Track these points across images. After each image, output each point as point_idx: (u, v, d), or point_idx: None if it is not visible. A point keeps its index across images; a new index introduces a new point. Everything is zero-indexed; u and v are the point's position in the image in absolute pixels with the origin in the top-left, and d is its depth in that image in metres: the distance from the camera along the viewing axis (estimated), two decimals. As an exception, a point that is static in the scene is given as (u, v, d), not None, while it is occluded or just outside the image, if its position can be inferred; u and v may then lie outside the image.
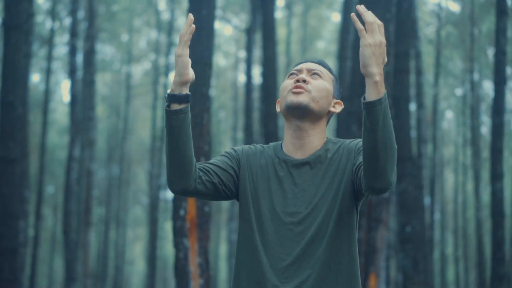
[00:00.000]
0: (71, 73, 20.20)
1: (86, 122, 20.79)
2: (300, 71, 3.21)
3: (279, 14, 30.17)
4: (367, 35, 2.72)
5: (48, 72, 24.89)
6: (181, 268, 6.55)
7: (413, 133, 19.57)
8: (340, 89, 3.33)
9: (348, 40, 15.80)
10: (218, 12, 28.79)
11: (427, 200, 24.71)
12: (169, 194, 29.13)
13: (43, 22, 28.76)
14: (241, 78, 31.75)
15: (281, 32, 30.38)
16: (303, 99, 3.08)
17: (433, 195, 22.64)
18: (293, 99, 3.09)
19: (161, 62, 29.73)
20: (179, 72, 2.95)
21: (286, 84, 3.18)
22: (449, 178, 35.91)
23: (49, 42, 25.65)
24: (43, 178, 24.62)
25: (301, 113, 3.10)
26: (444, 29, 24.13)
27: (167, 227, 35.52)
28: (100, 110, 34.55)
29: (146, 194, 35.26)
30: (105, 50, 32.30)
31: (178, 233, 6.58)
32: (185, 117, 2.95)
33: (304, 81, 3.13)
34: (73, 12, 20.99)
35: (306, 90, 3.10)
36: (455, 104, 30.51)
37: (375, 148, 2.74)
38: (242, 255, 3.11)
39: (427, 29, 25.69)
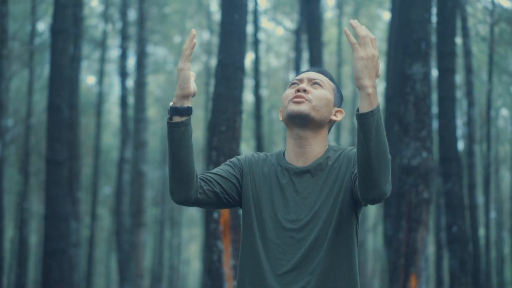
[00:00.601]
0: (122, 76, 20.46)
1: (137, 123, 20.99)
2: (301, 80, 3.26)
3: (329, 14, 30.12)
4: (360, 48, 2.79)
5: (101, 75, 25.23)
6: (215, 270, 6.62)
7: (465, 132, 19.38)
8: (341, 97, 3.36)
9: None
10: (269, 12, 28.87)
11: (480, 199, 24.45)
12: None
13: (96, 25, 29.14)
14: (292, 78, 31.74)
15: (332, 31, 30.33)
16: (303, 108, 3.13)
17: (488, 194, 22.37)
18: (294, 108, 3.14)
19: (213, 63, 29.88)
20: (181, 85, 3.03)
21: (287, 93, 3.24)
22: (505, 176, 35.43)
23: (102, 44, 25.99)
24: (97, 179, 24.96)
25: (302, 122, 3.15)
26: (497, 26, 23.80)
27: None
28: (154, 111, 34.87)
29: (201, 194, 35.41)
30: (157, 52, 32.58)
31: (212, 236, 6.65)
32: (186, 129, 3.05)
33: (305, 90, 3.18)
34: (123, 15, 21.24)
35: (306, 100, 3.15)
36: (510, 102, 30.12)
37: (369, 159, 2.79)
38: (245, 261, 3.18)
39: (479, 27, 25.38)
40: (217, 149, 6.62)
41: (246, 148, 35.76)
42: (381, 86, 24.87)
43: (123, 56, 20.86)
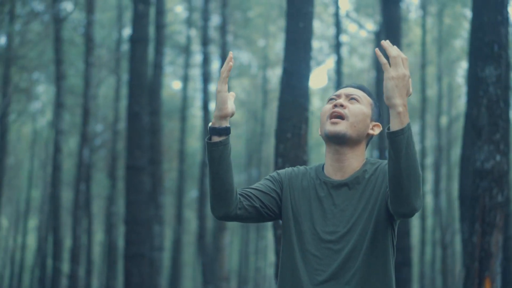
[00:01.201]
0: (204, 80, 20.73)
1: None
2: (339, 96, 3.35)
3: (413, 14, 29.87)
4: (391, 68, 2.87)
5: (185, 80, 25.58)
6: (282, 276, 6.68)
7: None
8: (379, 112, 3.43)
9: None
10: (352, 14, 28.81)
11: None
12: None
13: (181, 31, 29.55)
14: (377, 79, 31.49)
15: (416, 32, 30.07)
16: (340, 128, 3.22)
17: None
18: (331, 129, 3.23)
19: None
20: (218, 107, 3.13)
21: (325, 109, 3.32)
22: None
23: (186, 50, 26.35)
24: (182, 183, 25.30)
25: (339, 141, 3.24)
26: None
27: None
28: (238, 115, 35.14)
29: (286, 196, 35.54)
30: (242, 56, 32.83)
31: (278, 241, 6.71)
32: (225, 148, 3.14)
33: (342, 105, 3.27)
34: (205, 21, 21.52)
35: (343, 115, 3.24)
36: None
37: (399, 176, 2.87)
38: (284, 272, 3.27)
39: None
40: (283, 156, 6.68)
41: (320, 155, 35.69)
42: (463, 88, 24.54)
43: (205, 61, 21.13)
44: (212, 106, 22.38)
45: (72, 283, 20.52)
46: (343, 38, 31.98)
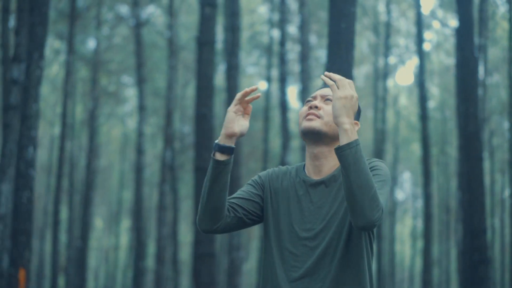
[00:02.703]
0: (281, 81, 20.84)
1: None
2: (314, 97, 3.43)
3: (501, 8, 29.30)
4: (339, 90, 3.06)
5: (268, 80, 25.73)
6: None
7: None
8: (358, 111, 3.48)
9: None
10: (438, 10, 28.49)
11: None
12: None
13: (265, 32, 29.72)
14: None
15: (504, 26, 29.48)
16: (315, 124, 3.30)
17: None
18: (306, 124, 3.32)
19: (380, 65, 29.81)
20: (225, 125, 3.25)
21: (302, 111, 3.42)
22: None
23: (269, 50, 26.51)
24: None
25: (315, 138, 3.33)
26: None
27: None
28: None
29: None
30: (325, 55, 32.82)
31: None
32: (225, 168, 3.23)
33: (316, 107, 3.35)
34: (281, 21, 21.62)
35: (318, 116, 3.32)
36: None
37: (351, 189, 2.97)
38: (264, 269, 3.38)
39: None
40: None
41: (409, 153, 35.18)
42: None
43: (282, 61, 21.24)
44: (294, 105, 22.46)
45: (158, 282, 20.93)
46: (428, 35, 31.67)
